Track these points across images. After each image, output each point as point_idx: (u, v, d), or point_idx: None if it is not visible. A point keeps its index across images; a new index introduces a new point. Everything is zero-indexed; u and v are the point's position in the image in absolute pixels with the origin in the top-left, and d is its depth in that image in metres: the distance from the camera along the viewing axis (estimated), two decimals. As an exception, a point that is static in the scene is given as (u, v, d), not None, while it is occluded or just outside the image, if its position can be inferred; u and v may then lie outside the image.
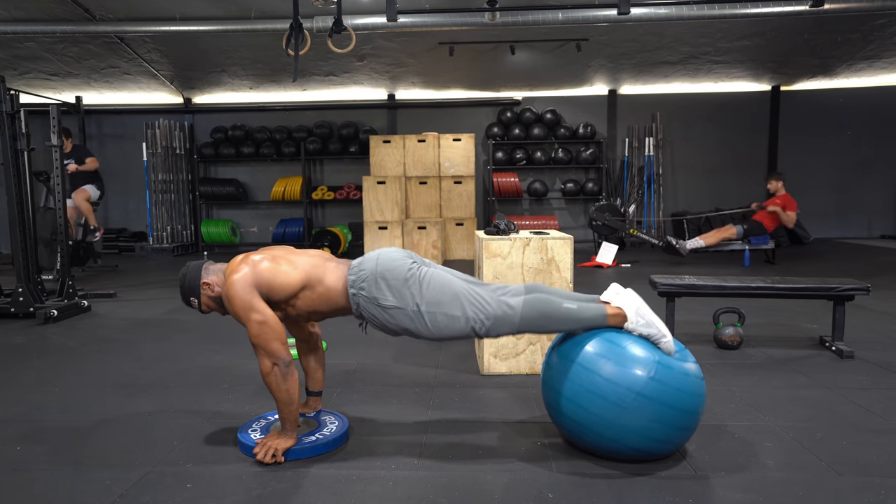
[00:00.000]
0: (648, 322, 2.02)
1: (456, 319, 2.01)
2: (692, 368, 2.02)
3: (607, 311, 2.06)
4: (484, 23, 6.32)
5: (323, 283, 2.08)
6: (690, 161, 9.45)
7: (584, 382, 1.98)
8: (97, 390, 2.84)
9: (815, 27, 7.49)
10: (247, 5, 6.72)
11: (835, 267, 6.62)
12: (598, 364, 1.97)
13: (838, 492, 1.82)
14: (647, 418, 1.90)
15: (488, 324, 2.02)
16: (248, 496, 1.83)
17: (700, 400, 1.99)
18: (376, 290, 2.03)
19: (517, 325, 2.03)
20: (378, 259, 2.08)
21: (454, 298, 2.02)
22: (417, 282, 2.03)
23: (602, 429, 1.95)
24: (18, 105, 4.39)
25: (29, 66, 8.30)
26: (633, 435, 1.92)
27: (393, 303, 2.02)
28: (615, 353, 1.98)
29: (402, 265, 2.06)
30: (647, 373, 1.92)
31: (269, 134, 9.31)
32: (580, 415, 1.98)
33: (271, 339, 1.98)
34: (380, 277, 2.03)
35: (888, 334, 3.69)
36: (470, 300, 2.02)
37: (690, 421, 1.97)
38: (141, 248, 9.05)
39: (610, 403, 1.92)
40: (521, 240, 2.95)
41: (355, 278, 2.06)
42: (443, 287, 2.04)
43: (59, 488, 1.90)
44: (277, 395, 2.02)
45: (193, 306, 2.17)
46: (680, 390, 1.93)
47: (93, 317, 4.53)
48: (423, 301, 2.01)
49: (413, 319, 2.02)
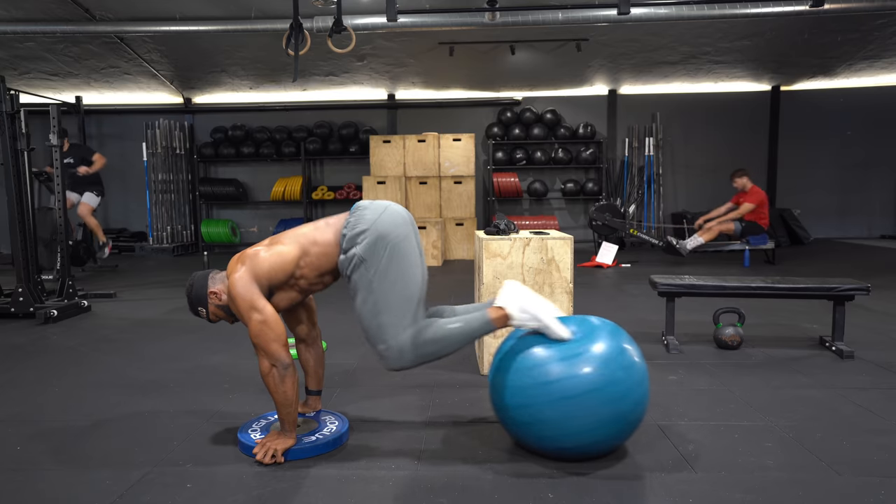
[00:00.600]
0: (533, 315, 2.01)
1: (380, 325, 2.00)
2: (604, 347, 1.97)
3: (490, 316, 2.04)
4: (484, 23, 6.32)
5: (317, 242, 2.09)
6: (690, 161, 9.46)
7: (516, 393, 1.99)
8: (97, 390, 2.84)
9: (815, 27, 7.49)
10: (247, 5, 6.72)
11: (835, 267, 6.63)
12: (522, 373, 1.98)
13: (838, 492, 1.82)
14: (588, 412, 1.90)
15: (391, 353, 2.01)
16: (248, 496, 1.83)
17: (624, 375, 1.95)
18: (362, 237, 2.01)
19: (412, 358, 2.01)
20: (384, 213, 2.06)
21: (393, 309, 1.99)
22: (395, 260, 2.01)
23: (548, 429, 1.95)
24: (18, 105, 4.39)
25: (29, 66, 8.31)
26: (585, 433, 1.92)
27: (363, 256, 2.00)
28: (538, 355, 1.98)
29: (400, 232, 2.05)
30: (568, 371, 1.91)
31: (269, 134, 9.31)
32: (523, 420, 1.99)
33: (271, 339, 1.98)
34: (374, 229, 2.02)
35: (888, 334, 3.69)
36: (403, 324, 2.00)
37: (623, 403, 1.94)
38: (141, 248, 9.05)
39: (556, 411, 1.92)
40: (521, 240, 2.95)
41: (352, 220, 2.06)
42: (402, 289, 2.01)
43: (59, 488, 1.90)
44: (275, 395, 2.02)
45: (202, 316, 2.17)
46: (607, 371, 1.92)
47: (93, 317, 4.53)
48: (380, 281, 1.99)
49: (363, 284, 2.00)
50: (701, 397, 2.63)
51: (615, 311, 4.47)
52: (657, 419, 2.38)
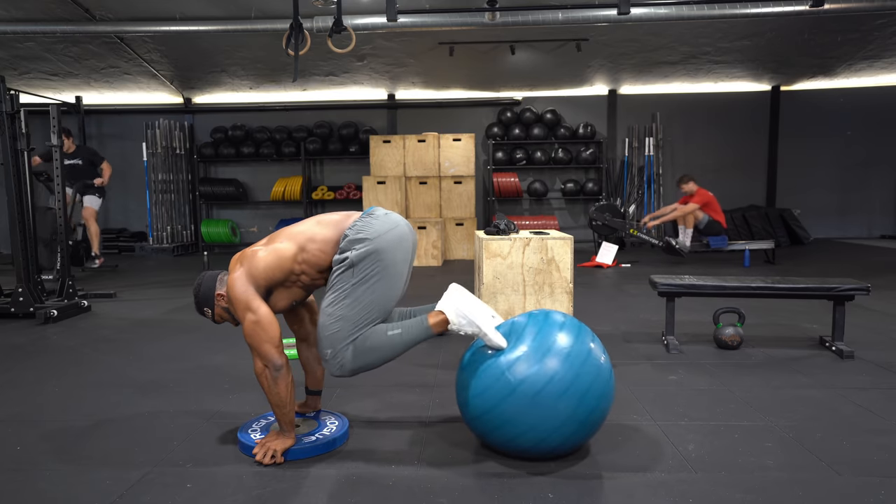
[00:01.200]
0: (470, 320, 2.00)
1: (337, 329, 1.99)
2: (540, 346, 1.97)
3: (429, 322, 2.04)
4: (484, 23, 6.32)
5: (315, 239, 2.08)
6: (690, 161, 9.45)
7: (478, 394, 1.99)
8: (97, 390, 2.84)
9: (815, 27, 7.50)
10: (247, 5, 6.72)
11: (835, 267, 6.63)
12: (478, 378, 1.99)
13: (838, 492, 1.82)
14: (535, 413, 1.90)
15: (334, 358, 2.01)
16: (248, 496, 1.83)
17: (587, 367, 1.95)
18: (362, 243, 2.01)
19: (351, 367, 2.01)
20: (392, 231, 2.05)
21: (354, 318, 1.99)
22: (385, 275, 2.01)
23: (513, 428, 1.95)
24: (18, 105, 4.39)
25: (29, 66, 8.31)
26: (552, 431, 1.92)
27: (354, 261, 1.99)
28: (477, 373, 2.00)
29: (397, 257, 2.04)
30: (511, 376, 1.92)
31: (269, 134, 9.31)
32: (489, 424, 1.99)
33: (263, 340, 1.97)
34: (375, 239, 2.01)
35: (888, 334, 3.69)
36: (355, 334, 2.00)
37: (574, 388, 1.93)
38: (141, 248, 9.05)
39: (527, 413, 1.91)
40: (521, 240, 2.95)
41: (360, 224, 2.05)
42: (372, 306, 2.00)
43: (59, 488, 1.90)
44: (270, 396, 2.02)
45: (207, 316, 2.17)
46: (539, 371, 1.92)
47: (93, 317, 4.53)
48: (357, 287, 1.99)
49: (340, 284, 1.99)
50: (701, 397, 2.63)
51: (615, 311, 4.47)
52: (657, 419, 2.38)
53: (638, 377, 2.91)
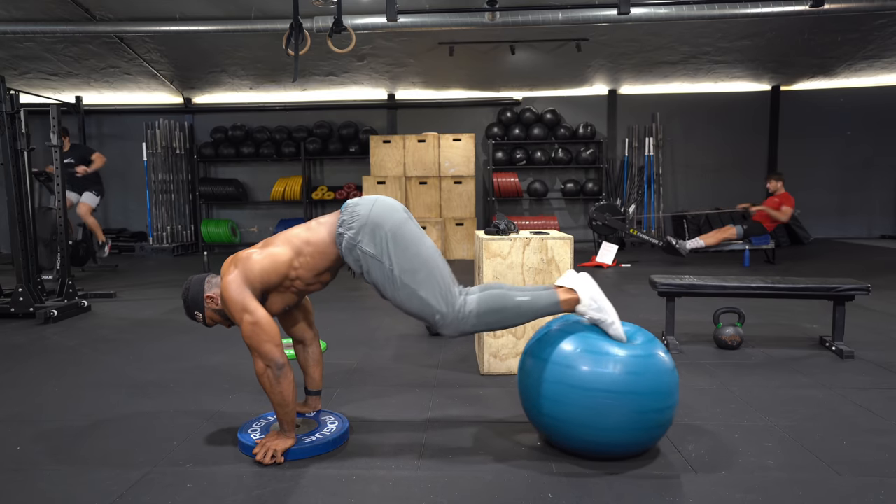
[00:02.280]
0: (600, 307, 2.01)
1: (420, 300, 2.00)
2: (660, 357, 2.00)
3: (559, 297, 2.03)
4: (484, 23, 6.32)
5: (310, 242, 2.07)
6: (690, 161, 9.46)
7: (555, 385, 1.98)
8: (97, 390, 2.84)
9: (815, 27, 7.49)
10: (247, 5, 6.72)
11: (835, 267, 6.62)
12: (567, 365, 1.97)
13: (838, 492, 1.82)
14: (620, 414, 1.90)
15: (446, 320, 2.00)
16: (248, 496, 1.83)
17: (670, 386, 1.98)
18: (361, 234, 2.00)
19: (474, 324, 2.01)
20: (373, 207, 2.05)
21: (428, 278, 2.00)
22: (402, 243, 2.01)
23: (578, 429, 1.95)
24: (18, 105, 4.39)
25: (29, 66, 8.31)
26: (610, 431, 1.92)
27: (372, 252, 2.00)
28: (582, 352, 1.97)
29: (395, 219, 2.04)
30: (613, 368, 1.92)
31: (269, 134, 9.31)
32: (557, 415, 1.99)
33: (263, 340, 1.97)
34: (370, 223, 2.01)
35: (888, 334, 3.69)
36: (441, 289, 2.00)
37: (665, 400, 1.96)
38: (141, 248, 9.05)
39: (583, 404, 1.92)
40: (521, 240, 2.95)
41: (346, 218, 2.04)
42: (423, 262, 2.01)
43: (59, 488, 1.90)
44: (272, 396, 2.01)
45: (198, 320, 2.17)
46: (645, 375, 1.93)
47: (93, 317, 4.53)
48: (399, 266, 1.99)
49: (383, 276, 2.00)
50: (701, 397, 2.63)
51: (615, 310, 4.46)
52: (657, 419, 2.38)
53: (638, 377, 2.91)
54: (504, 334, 2.97)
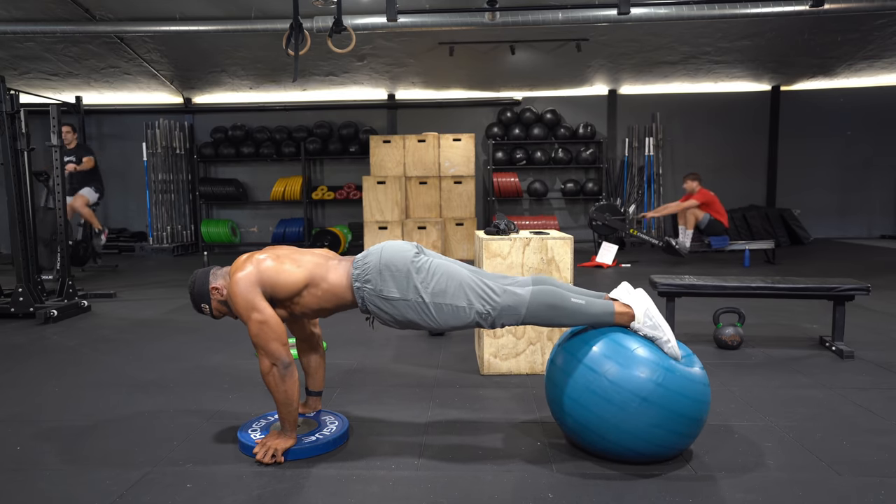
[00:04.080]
0: (655, 324, 2.01)
1: (461, 310, 2.01)
2: (698, 374, 2.01)
3: (615, 309, 2.04)
4: (484, 23, 6.32)
5: (326, 279, 2.08)
6: (690, 161, 9.45)
7: (588, 384, 1.96)
8: (97, 390, 2.84)
9: (815, 27, 7.49)
10: (247, 5, 6.72)
11: (835, 267, 6.62)
12: (604, 366, 1.96)
13: (838, 492, 1.82)
14: (649, 423, 1.89)
15: (494, 314, 2.01)
16: (248, 496, 1.83)
17: (704, 406, 1.99)
18: (381, 283, 2.02)
19: (523, 315, 2.01)
20: (382, 251, 2.07)
21: (459, 289, 2.01)
22: (423, 272, 2.02)
23: (604, 431, 1.94)
24: (18, 105, 4.39)
25: (29, 66, 8.31)
26: (635, 439, 1.92)
27: (397, 295, 2.01)
28: (622, 355, 1.96)
29: (406, 256, 2.05)
30: (653, 377, 1.90)
31: (269, 134, 9.31)
32: (583, 415, 1.98)
33: (271, 339, 1.97)
34: (384, 269, 2.02)
35: (888, 334, 3.69)
36: (476, 291, 2.01)
37: (694, 427, 1.97)
38: (141, 248, 9.04)
39: (614, 406, 1.91)
40: (521, 240, 2.95)
41: (360, 272, 2.05)
42: (449, 277, 2.02)
43: (59, 488, 1.90)
44: (276, 395, 2.01)
45: (205, 312, 2.17)
46: (685, 396, 1.93)
47: (93, 317, 4.53)
48: (428, 292, 2.00)
49: (418, 311, 2.02)
50: (701, 397, 2.63)
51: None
52: (657, 419, 2.38)
53: (638, 377, 2.91)
54: (504, 334, 2.97)
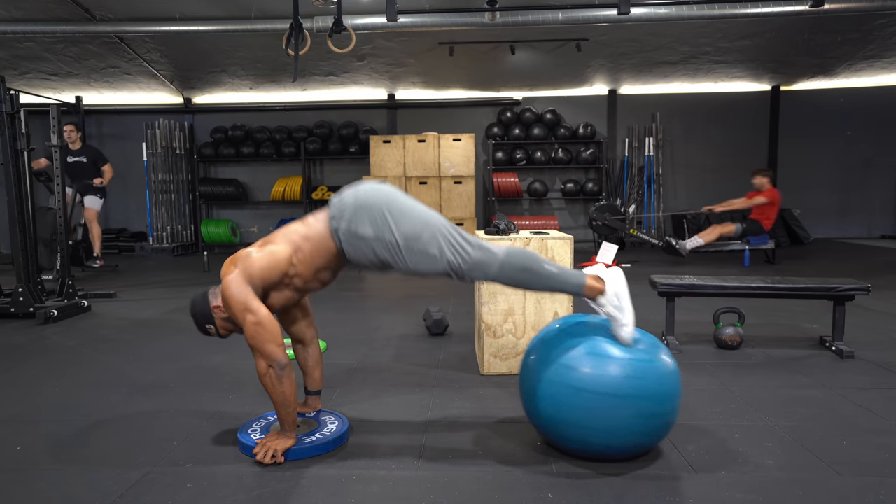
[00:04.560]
0: (621, 306, 2.00)
1: (433, 258, 1.98)
2: (663, 361, 2.00)
3: (586, 282, 2.03)
4: (484, 23, 6.32)
5: (309, 236, 2.06)
6: (690, 161, 9.46)
7: (556, 385, 1.98)
8: (97, 390, 2.83)
9: (815, 27, 7.49)
10: (247, 5, 6.72)
11: (835, 267, 6.62)
12: (570, 367, 1.97)
13: (838, 492, 1.82)
14: (621, 417, 1.90)
15: (465, 267, 1.99)
16: (248, 496, 1.83)
17: (673, 390, 1.98)
18: (356, 221, 1.99)
19: (495, 272, 2.00)
20: (358, 190, 2.05)
21: (433, 237, 1.99)
22: (398, 213, 1.99)
23: (577, 430, 1.96)
24: (18, 105, 4.39)
25: (29, 66, 8.31)
26: (611, 434, 1.93)
27: (371, 233, 1.98)
28: (586, 354, 1.97)
29: (382, 195, 2.03)
30: (618, 371, 1.92)
31: (269, 134, 9.31)
32: (556, 416, 1.99)
33: (266, 340, 1.96)
34: (360, 208, 2.00)
35: (888, 334, 3.69)
36: (450, 241, 1.99)
37: (667, 414, 1.97)
38: (141, 248, 9.04)
39: (584, 406, 1.92)
40: (521, 240, 2.95)
41: (336, 212, 2.03)
42: (424, 224, 2.00)
43: (59, 488, 1.90)
44: (273, 396, 2.01)
45: (211, 333, 2.17)
46: (653, 384, 1.93)
47: (93, 317, 4.53)
48: (402, 234, 1.98)
49: (391, 252, 1.99)
50: (701, 397, 2.63)
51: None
52: (657, 419, 2.38)
53: (638, 377, 2.91)
54: (505, 334, 2.97)
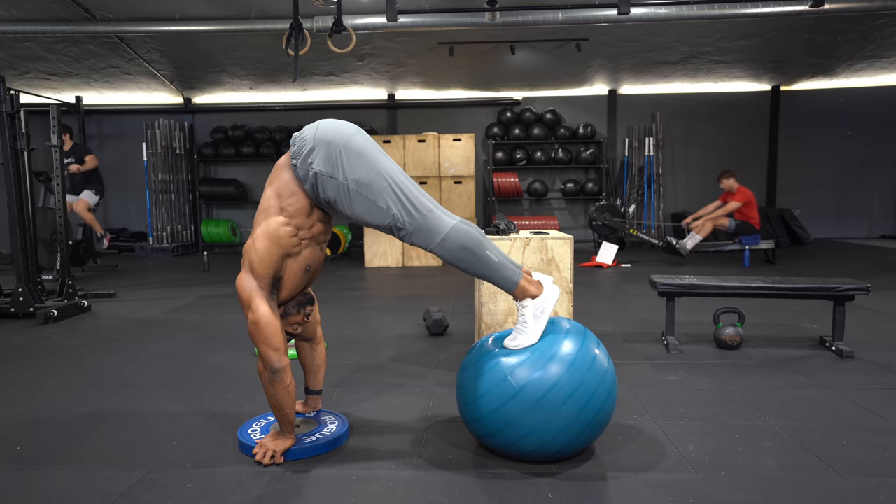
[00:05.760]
0: (537, 318, 2.01)
1: (380, 210, 1.95)
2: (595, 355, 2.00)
3: (521, 281, 2.02)
4: (484, 23, 6.32)
5: (280, 193, 2.02)
6: (690, 161, 9.46)
7: (487, 394, 1.97)
8: (97, 390, 2.83)
9: (815, 27, 7.50)
10: (247, 5, 6.72)
11: (835, 267, 6.63)
12: (513, 367, 1.97)
13: (838, 492, 1.82)
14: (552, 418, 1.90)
15: (410, 229, 1.96)
16: (248, 496, 1.83)
17: (594, 385, 1.96)
18: (312, 156, 1.96)
19: (436, 244, 1.96)
20: (318, 126, 2.02)
21: (384, 189, 1.95)
22: (354, 155, 1.96)
23: (513, 435, 1.95)
24: (18, 105, 4.39)
25: (29, 66, 8.31)
26: (538, 434, 1.92)
27: (325, 170, 1.95)
28: (528, 352, 1.98)
29: (341, 134, 1.99)
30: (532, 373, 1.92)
31: (269, 134, 9.31)
32: (490, 427, 1.99)
33: (260, 341, 1.96)
34: (318, 144, 1.97)
35: (888, 334, 3.69)
36: (401, 199, 1.96)
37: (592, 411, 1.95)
38: (141, 248, 9.04)
39: (515, 410, 1.92)
40: (521, 240, 2.95)
41: (296, 148, 2.01)
42: (378, 174, 1.96)
43: (59, 488, 1.90)
44: (267, 397, 2.02)
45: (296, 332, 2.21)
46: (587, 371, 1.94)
47: (93, 317, 4.53)
48: (353, 179, 1.95)
49: (340, 192, 1.96)
50: (701, 397, 2.63)
51: (615, 310, 4.47)
52: (657, 419, 2.38)
53: (638, 377, 2.91)
54: (504, 334, 2.96)
